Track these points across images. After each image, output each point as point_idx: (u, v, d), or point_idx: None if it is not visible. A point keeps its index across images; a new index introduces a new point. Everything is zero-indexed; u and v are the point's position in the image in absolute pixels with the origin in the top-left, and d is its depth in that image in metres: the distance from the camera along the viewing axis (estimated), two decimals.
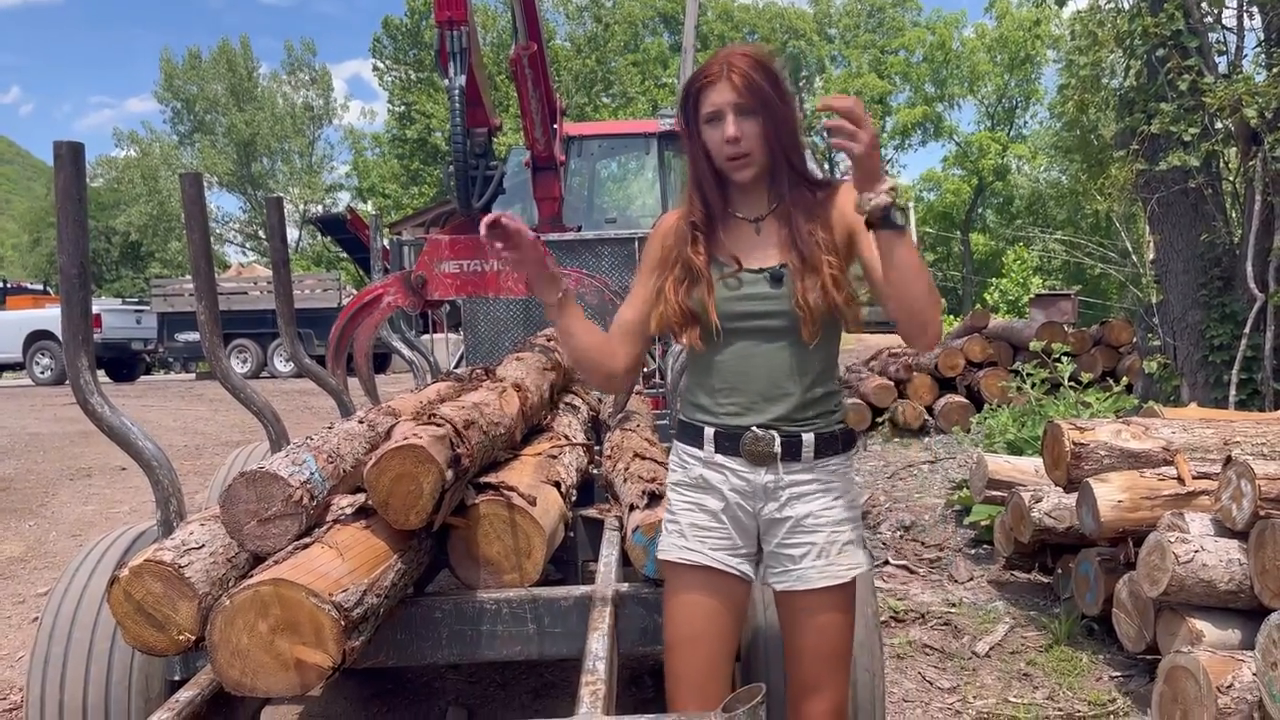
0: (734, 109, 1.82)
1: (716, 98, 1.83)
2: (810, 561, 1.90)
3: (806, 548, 1.90)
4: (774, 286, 1.86)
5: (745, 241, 1.93)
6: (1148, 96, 6.20)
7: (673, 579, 1.98)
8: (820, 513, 1.91)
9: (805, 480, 1.91)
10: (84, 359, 2.05)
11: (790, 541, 1.91)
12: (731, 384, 1.90)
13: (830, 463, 1.92)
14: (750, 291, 1.87)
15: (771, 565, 1.96)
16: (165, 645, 1.81)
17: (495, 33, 35.98)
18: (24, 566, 5.37)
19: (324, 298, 17.62)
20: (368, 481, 1.97)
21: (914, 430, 9.27)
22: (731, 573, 1.93)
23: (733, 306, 1.88)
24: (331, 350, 4.21)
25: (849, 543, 1.93)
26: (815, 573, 1.90)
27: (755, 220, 1.94)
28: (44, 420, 10.88)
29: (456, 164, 3.85)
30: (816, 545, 1.90)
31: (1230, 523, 3.34)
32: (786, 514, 1.91)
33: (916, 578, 5.02)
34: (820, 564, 1.90)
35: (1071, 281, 28.35)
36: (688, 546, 1.95)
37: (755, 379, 1.89)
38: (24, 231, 54.56)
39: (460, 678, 3.76)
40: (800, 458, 1.89)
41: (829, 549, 1.90)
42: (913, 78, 43.89)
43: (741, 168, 1.87)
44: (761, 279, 1.87)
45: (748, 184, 1.91)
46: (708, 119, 1.86)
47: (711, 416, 1.93)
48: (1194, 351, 6.29)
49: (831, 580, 1.90)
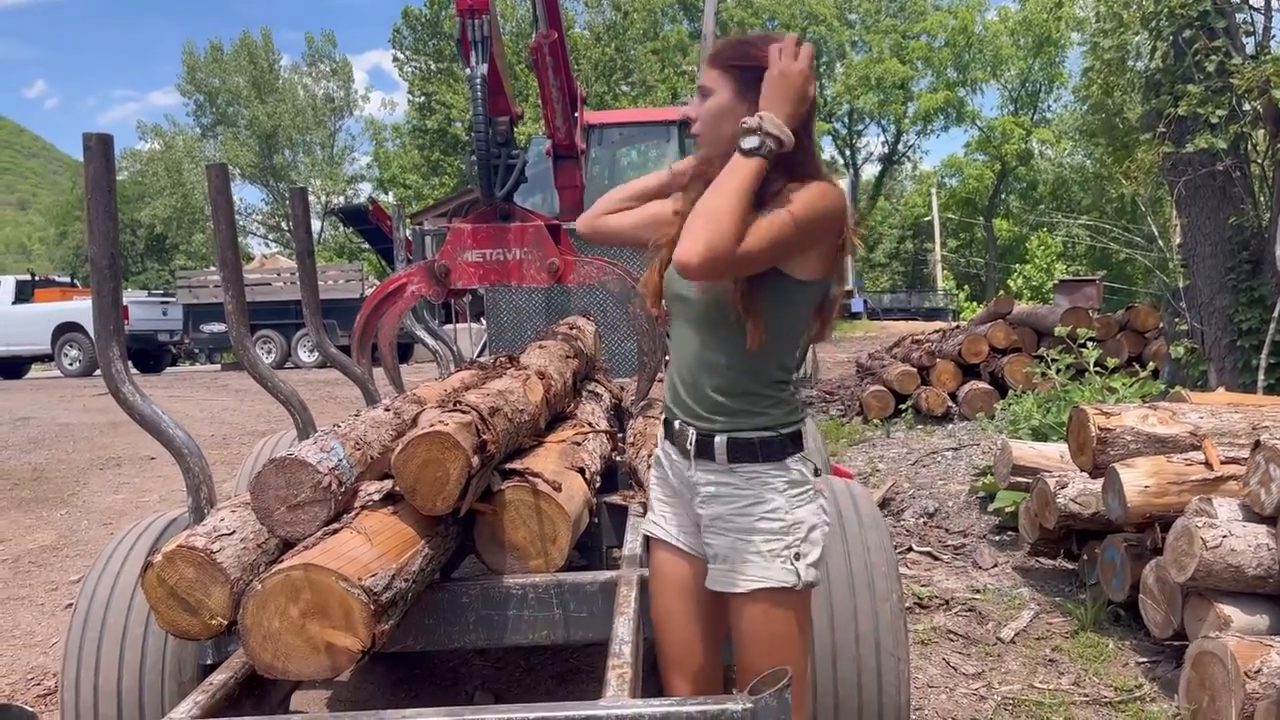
0: (700, 90, 1.84)
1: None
2: (717, 564, 1.86)
3: (714, 550, 1.87)
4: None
5: None
6: (1174, 78, 6.12)
7: (650, 555, 2.05)
8: (730, 517, 1.84)
9: (721, 482, 1.86)
10: (115, 348, 2.07)
11: (708, 540, 1.89)
12: (671, 370, 1.95)
13: (750, 469, 1.83)
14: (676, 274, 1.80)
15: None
16: (198, 630, 1.84)
17: (515, 22, 35.96)
18: (56, 554, 5.45)
19: (347, 288, 17.70)
20: (395, 468, 1.99)
21: (937, 417, 9.23)
22: (687, 550, 1.96)
23: (670, 288, 1.91)
24: (356, 340, 4.23)
25: (757, 553, 1.81)
26: (720, 575, 1.85)
27: None
28: (73, 411, 11.01)
29: (479, 153, 3.85)
30: (723, 549, 1.85)
31: (1259, 507, 3.31)
32: (703, 511, 1.89)
33: (940, 564, 5.01)
34: (723, 568, 1.85)
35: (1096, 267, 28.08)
36: (654, 521, 2.02)
37: (680, 369, 1.91)
38: (51, 225, 55.24)
39: (486, 663, 3.79)
40: (714, 458, 1.85)
41: (731, 556, 1.83)
42: (935, 62, 43.53)
43: (699, 145, 1.88)
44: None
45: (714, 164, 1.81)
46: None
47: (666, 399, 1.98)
48: (1222, 336, 6.23)
49: (728, 588, 1.83)
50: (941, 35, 43.22)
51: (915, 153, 50.20)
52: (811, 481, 1.88)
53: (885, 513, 5.89)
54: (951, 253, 46.60)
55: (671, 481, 1.98)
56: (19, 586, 4.94)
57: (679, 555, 1.96)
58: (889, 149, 48.54)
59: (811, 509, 1.86)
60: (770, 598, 1.81)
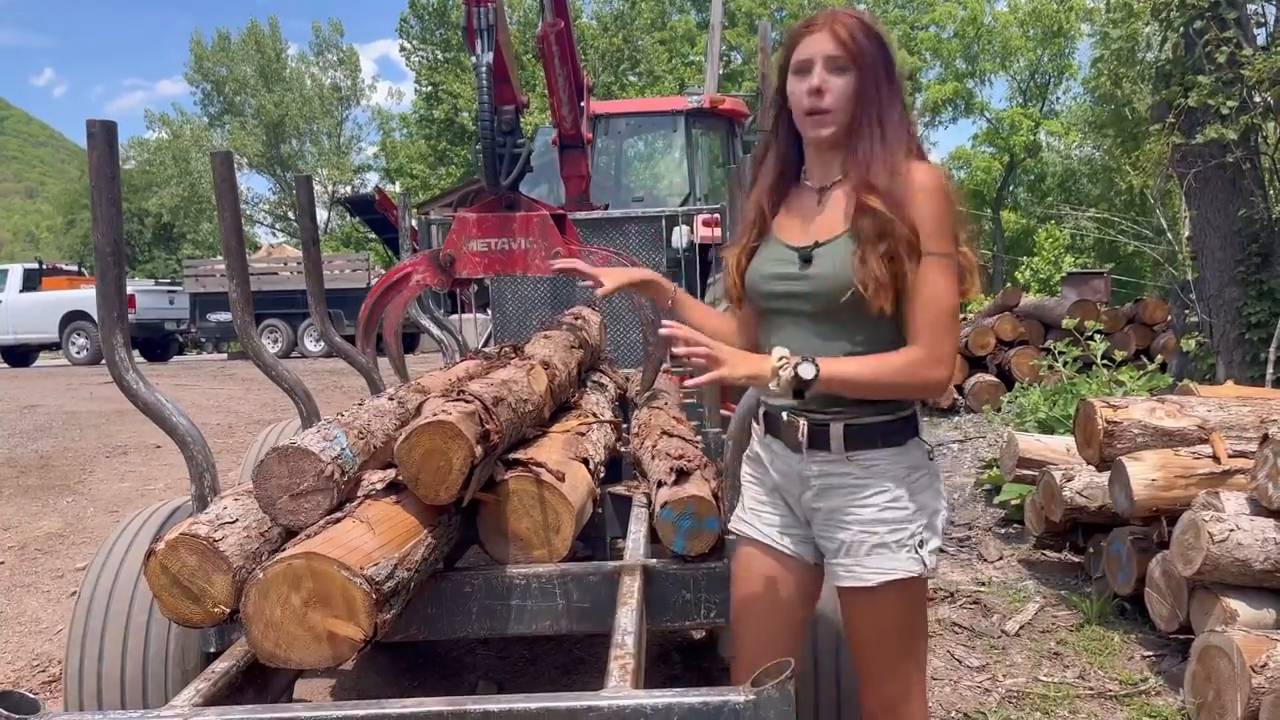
0: (825, 61, 1.71)
1: (811, 47, 1.72)
2: (840, 559, 1.82)
3: (837, 543, 1.82)
4: (802, 267, 1.76)
5: (804, 212, 1.83)
6: (1184, 69, 6.08)
7: (737, 549, 2.01)
8: (851, 508, 1.79)
9: (839, 472, 1.80)
10: (119, 336, 2.07)
11: (824, 534, 1.85)
12: None
13: (868, 456, 1.78)
14: (780, 270, 1.80)
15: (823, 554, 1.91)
16: (201, 618, 1.84)
17: (522, 11, 35.86)
18: (62, 542, 5.46)
19: (353, 278, 17.71)
20: (398, 457, 1.99)
21: (944, 409, 9.21)
22: (782, 550, 1.91)
23: (766, 285, 1.82)
24: (361, 329, 4.23)
25: (882, 545, 1.77)
26: (842, 570, 1.82)
27: (821, 189, 1.82)
28: (80, 399, 11.04)
29: (484, 142, 3.85)
30: (845, 543, 1.80)
31: (1266, 501, 3.30)
32: (819, 504, 1.84)
33: (946, 556, 5.00)
34: (846, 562, 1.81)
35: (1105, 260, 27.99)
36: (743, 519, 1.98)
37: None
38: (58, 214, 55.29)
39: (490, 652, 3.79)
40: (829, 447, 1.78)
41: (855, 549, 1.79)
42: (943, 53, 43.30)
43: (818, 125, 1.73)
44: (794, 257, 1.78)
45: (821, 147, 1.79)
46: (797, 68, 1.74)
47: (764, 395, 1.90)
48: (1230, 329, 6.19)
49: (855, 582, 1.80)
50: (950, 26, 42.97)
51: (923, 144, 49.94)
52: (928, 465, 1.83)
53: None
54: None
55: (773, 478, 1.92)
56: (25, 573, 4.95)
57: (770, 554, 1.92)
58: None
59: (931, 493, 1.82)
60: (898, 589, 1.78)
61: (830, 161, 1.81)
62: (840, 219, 1.75)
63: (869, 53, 1.71)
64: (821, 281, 1.74)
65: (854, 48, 1.70)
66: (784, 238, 1.83)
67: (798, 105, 1.75)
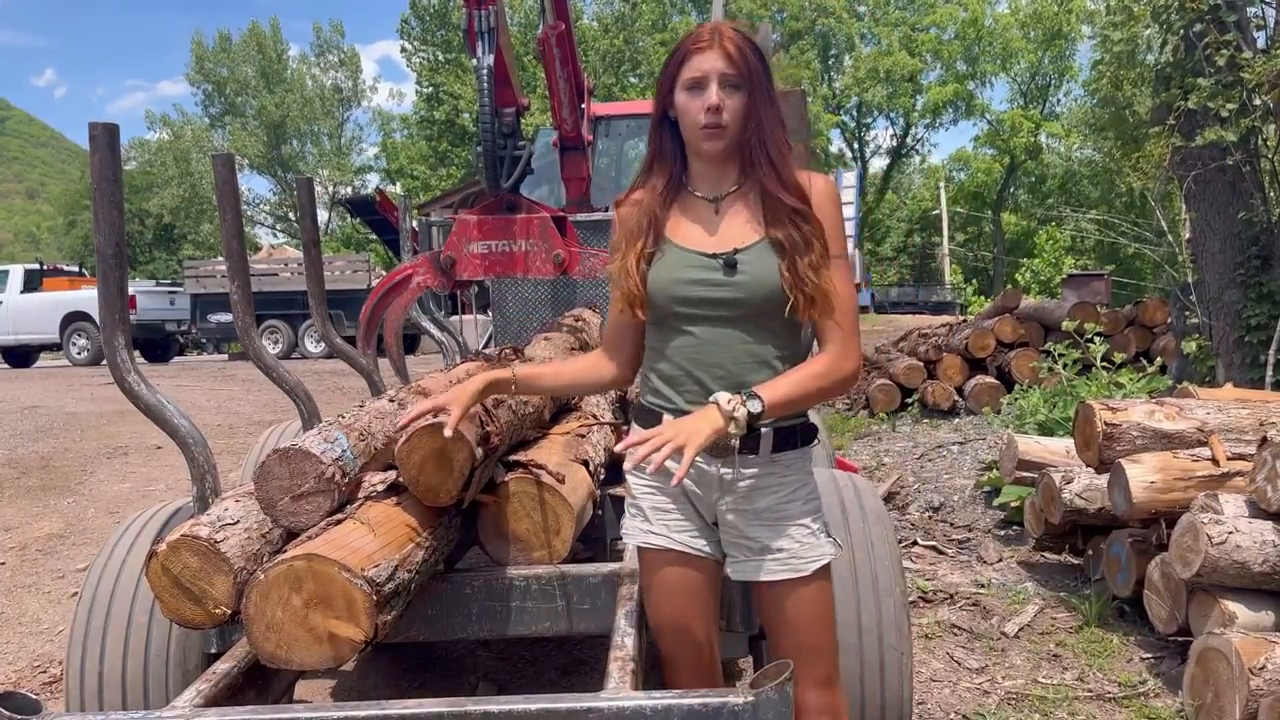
0: (720, 78, 1.75)
1: (704, 64, 1.76)
2: (770, 555, 1.86)
3: (765, 541, 1.86)
4: (727, 273, 1.79)
5: (702, 221, 1.86)
6: (1185, 72, 6.09)
7: (644, 563, 1.96)
8: (779, 506, 1.86)
9: (761, 474, 1.85)
10: (121, 338, 2.08)
11: (748, 534, 1.87)
12: (687, 370, 1.84)
13: (787, 456, 1.86)
14: (699, 276, 1.80)
15: (731, 555, 1.92)
16: (202, 619, 1.84)
17: (523, 12, 35.88)
18: (63, 543, 5.47)
19: (354, 279, 17.73)
20: (399, 459, 2.00)
21: (944, 411, 9.22)
22: (697, 554, 1.91)
23: (681, 290, 1.81)
24: (362, 330, 4.24)
25: (810, 534, 1.87)
26: (775, 565, 1.85)
27: (714, 199, 1.86)
28: (81, 400, 11.05)
29: (485, 144, 3.86)
30: (775, 539, 1.85)
31: (1265, 504, 3.30)
32: (744, 506, 1.86)
33: (945, 558, 5.01)
34: (781, 556, 1.85)
35: (1105, 261, 28.02)
36: (651, 530, 1.92)
37: (711, 367, 1.83)
38: (59, 214, 55.37)
39: (490, 654, 3.80)
40: (758, 451, 1.83)
41: (787, 542, 1.85)
42: (944, 55, 43.35)
43: (713, 138, 1.78)
44: (715, 264, 1.80)
45: (712, 161, 1.83)
46: (689, 84, 1.77)
47: (667, 403, 1.87)
48: (1230, 331, 6.20)
49: (793, 573, 1.85)
50: (951, 28, 43.02)
51: (924, 146, 50.10)
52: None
53: (890, 507, 5.88)
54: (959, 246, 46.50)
55: (683, 486, 1.89)
56: (26, 574, 4.96)
57: (684, 561, 1.91)
58: (897, 142, 48.40)
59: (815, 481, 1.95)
60: (825, 574, 1.89)
61: (722, 173, 1.86)
62: (750, 227, 1.82)
63: (756, 69, 1.77)
64: (749, 288, 1.79)
65: (744, 66, 1.76)
66: (687, 245, 1.84)
67: (692, 120, 1.78)
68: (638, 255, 1.84)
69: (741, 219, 1.83)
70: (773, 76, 1.81)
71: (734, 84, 1.76)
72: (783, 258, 1.77)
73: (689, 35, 1.82)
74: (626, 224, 1.89)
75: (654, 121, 1.89)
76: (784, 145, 1.81)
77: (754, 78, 1.77)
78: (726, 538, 1.91)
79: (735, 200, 1.85)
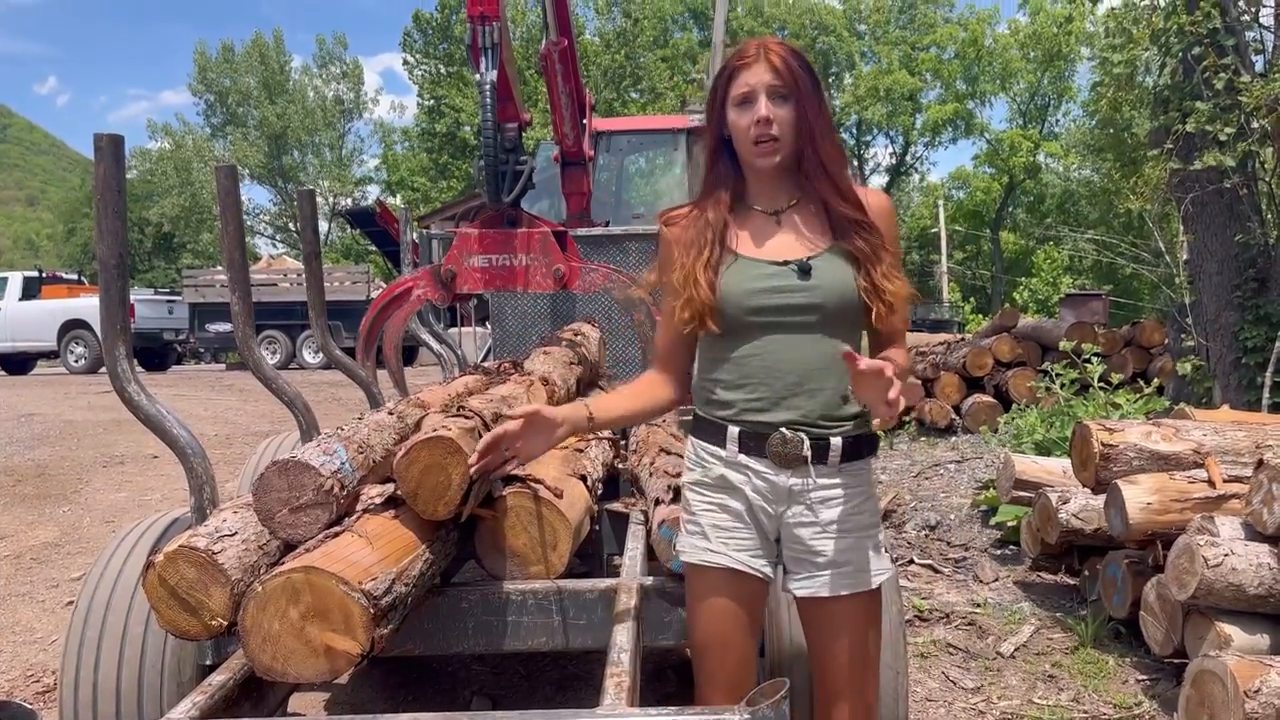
0: (768, 91, 1.77)
1: (751, 78, 1.78)
2: (837, 568, 1.84)
3: (832, 554, 1.84)
4: (802, 278, 1.80)
5: (765, 233, 1.87)
6: (1183, 95, 6.12)
7: (696, 581, 1.92)
8: (846, 518, 1.85)
9: (830, 484, 1.84)
10: (121, 348, 2.08)
11: (815, 547, 1.85)
12: (758, 379, 1.82)
13: (854, 466, 1.86)
14: (774, 284, 1.81)
15: (794, 571, 1.89)
16: (198, 630, 1.84)
17: (525, 27, 36.04)
18: (58, 551, 5.46)
19: (353, 290, 17.77)
20: (397, 472, 2.00)
21: (941, 429, 9.23)
22: (754, 574, 1.88)
23: (756, 299, 1.81)
24: (361, 342, 4.25)
25: (874, 549, 1.87)
26: (841, 579, 1.84)
27: (775, 213, 1.88)
28: (78, 408, 11.03)
29: (486, 159, 3.87)
30: (842, 551, 1.84)
31: (1261, 526, 3.31)
32: (811, 519, 1.84)
33: (942, 577, 5.00)
34: (847, 570, 1.84)
35: (1103, 282, 28.07)
36: (710, 548, 1.88)
37: (784, 374, 1.81)
38: (59, 221, 55.42)
39: (485, 668, 3.79)
40: (827, 461, 1.82)
41: (854, 555, 1.85)
42: (944, 74, 43.55)
43: (767, 153, 1.80)
44: (788, 271, 1.81)
45: (769, 174, 1.85)
46: (739, 100, 1.80)
47: (734, 412, 1.85)
48: (1227, 353, 6.22)
49: (859, 588, 1.85)
50: (951, 47, 43.24)
51: (923, 164, 50.18)
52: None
53: (887, 525, 5.88)
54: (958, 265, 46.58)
55: (746, 499, 1.86)
56: (20, 583, 4.94)
57: (740, 579, 1.88)
58: (897, 160, 48.55)
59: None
60: (883, 589, 1.90)
61: (779, 186, 1.88)
62: (817, 237, 1.85)
63: (804, 79, 1.79)
64: (825, 292, 1.80)
65: (790, 76, 1.78)
66: (756, 255, 1.85)
67: (744, 136, 1.81)
68: (705, 264, 1.83)
69: (806, 229, 1.86)
70: (822, 87, 1.83)
71: (782, 95, 1.78)
72: (857, 268, 1.81)
73: (735, 52, 1.84)
74: (681, 240, 1.89)
75: (709, 142, 1.90)
76: (839, 156, 1.83)
77: (801, 88, 1.78)
78: (790, 553, 1.89)
79: (797, 212, 1.88)
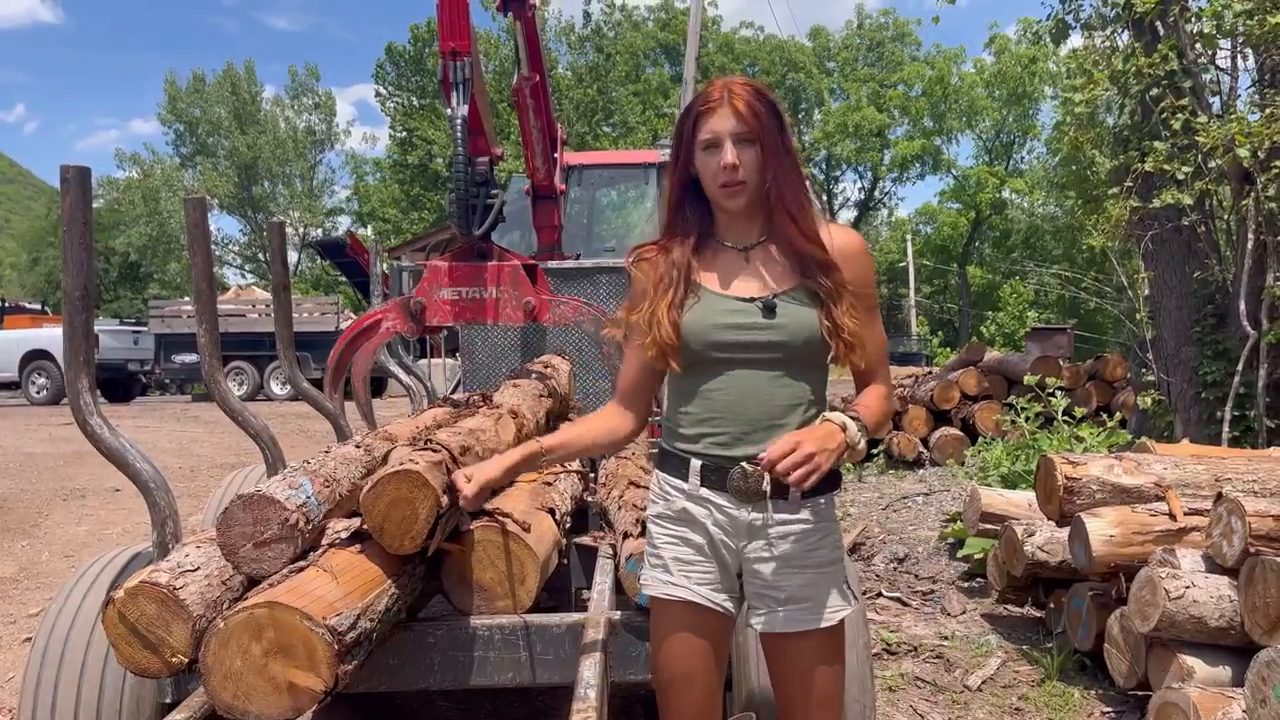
0: (733, 137, 1.79)
1: (716, 124, 1.81)
2: (796, 604, 1.85)
3: (792, 590, 1.85)
4: (766, 316, 1.82)
5: (733, 270, 1.89)
6: (1142, 135, 6.26)
7: (659, 614, 1.92)
8: (806, 554, 1.85)
9: (790, 520, 1.84)
10: (84, 380, 2.07)
11: (774, 582, 1.85)
12: (720, 414, 1.84)
13: (817, 502, 1.86)
14: (738, 321, 1.83)
15: (755, 606, 1.89)
16: (158, 667, 1.81)
17: (498, 60, 36.25)
18: (16, 586, 5.35)
19: (322, 321, 17.68)
20: (364, 506, 1.99)
21: (909, 462, 9.28)
22: (714, 608, 1.88)
23: (719, 335, 1.83)
24: (330, 374, 4.23)
25: (835, 585, 1.87)
26: (801, 615, 1.85)
27: (744, 249, 1.90)
28: (39, 440, 10.86)
29: (457, 192, 3.88)
30: (803, 587, 1.85)
31: (1221, 559, 3.35)
32: (770, 554, 1.85)
33: (909, 610, 5.02)
34: (806, 606, 1.85)
35: (1067, 316, 28.46)
36: (672, 581, 1.89)
37: (746, 410, 1.83)
38: (23, 250, 54.67)
39: (452, 704, 3.75)
40: (788, 496, 1.81)
41: (815, 591, 1.85)
42: (911, 111, 44.27)
43: (734, 195, 1.82)
44: (754, 308, 1.83)
45: (737, 213, 1.88)
46: (705, 145, 1.82)
47: (697, 446, 1.87)
48: (1187, 388, 6.32)
49: (819, 624, 1.85)
50: (918, 85, 44.00)
51: (891, 199, 50.86)
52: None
53: (855, 557, 5.90)
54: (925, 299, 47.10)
55: (708, 534, 1.87)
56: None
57: (702, 614, 1.88)
58: (865, 195, 49.18)
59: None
60: (843, 626, 1.90)
61: (749, 223, 1.91)
62: (783, 274, 1.87)
63: (768, 120, 1.82)
64: (789, 330, 1.82)
65: (755, 120, 1.80)
66: (723, 291, 1.87)
67: (712, 179, 1.84)
68: (669, 304, 1.85)
69: (774, 266, 1.88)
70: (787, 125, 1.86)
71: (747, 139, 1.81)
72: (819, 307, 1.83)
73: (700, 95, 1.86)
74: (650, 277, 1.90)
75: (671, 179, 1.92)
76: (803, 196, 1.85)
77: (766, 130, 1.81)
78: (751, 588, 1.89)
79: (764, 249, 1.90)
